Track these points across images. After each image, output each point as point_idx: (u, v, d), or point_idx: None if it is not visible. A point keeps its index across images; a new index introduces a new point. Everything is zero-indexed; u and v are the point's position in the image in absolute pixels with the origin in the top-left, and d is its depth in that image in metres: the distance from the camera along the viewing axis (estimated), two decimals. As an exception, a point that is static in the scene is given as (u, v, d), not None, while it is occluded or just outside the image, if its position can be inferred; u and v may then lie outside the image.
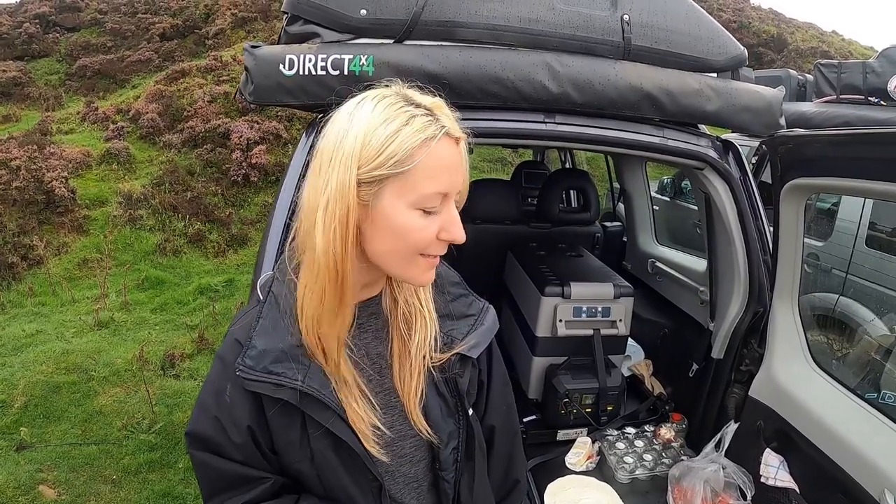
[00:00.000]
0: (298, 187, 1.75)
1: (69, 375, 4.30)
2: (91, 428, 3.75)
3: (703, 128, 2.06)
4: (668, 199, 6.30)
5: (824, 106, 4.86)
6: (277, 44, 1.83)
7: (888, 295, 3.89)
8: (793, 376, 1.90)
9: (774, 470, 1.84)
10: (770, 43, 14.77)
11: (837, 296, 4.19)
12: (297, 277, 0.95)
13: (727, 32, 1.99)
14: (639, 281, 3.08)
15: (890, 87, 4.60)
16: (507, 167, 9.68)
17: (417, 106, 0.89)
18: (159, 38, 12.97)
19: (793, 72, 5.52)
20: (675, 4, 1.89)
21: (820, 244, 4.40)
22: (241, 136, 8.53)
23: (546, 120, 1.78)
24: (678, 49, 1.86)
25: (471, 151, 1.07)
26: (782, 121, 2.00)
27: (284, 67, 1.67)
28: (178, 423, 3.78)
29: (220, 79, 10.26)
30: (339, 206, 0.85)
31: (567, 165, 4.83)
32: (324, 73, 1.66)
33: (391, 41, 1.73)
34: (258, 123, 8.81)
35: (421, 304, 1.04)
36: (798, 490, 1.78)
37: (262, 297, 1.00)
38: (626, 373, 2.60)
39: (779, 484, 1.82)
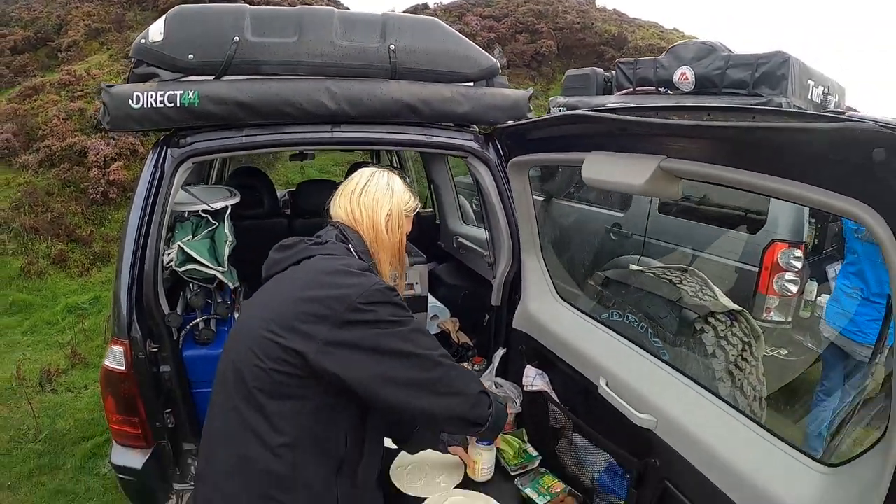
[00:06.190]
0: (148, 201, 2.17)
1: (-49, 402, 4.31)
2: (-21, 445, 3.84)
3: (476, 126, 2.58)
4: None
5: (623, 98, 5.68)
6: (127, 83, 2.29)
7: (670, 248, 4.60)
8: (541, 309, 2.41)
9: (531, 379, 2.37)
10: (611, 42, 15.44)
11: (639, 256, 4.87)
12: None
13: (481, 50, 2.57)
14: (449, 255, 3.65)
15: (674, 78, 5.50)
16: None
17: None
18: (10, 52, 12.21)
19: (599, 70, 6.30)
20: (434, 32, 2.46)
21: (621, 215, 5.05)
22: (98, 154, 8.42)
23: (333, 129, 2.31)
24: (437, 67, 2.42)
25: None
26: (530, 115, 2.55)
27: (133, 102, 2.14)
28: (61, 430, 3.99)
29: (75, 94, 9.97)
30: None
31: (395, 164, 5.34)
32: (162, 105, 2.14)
33: (212, 78, 2.23)
34: (114, 140, 8.69)
35: None
36: (551, 391, 2.30)
37: None
38: (436, 330, 3.14)
39: (535, 388, 2.35)
